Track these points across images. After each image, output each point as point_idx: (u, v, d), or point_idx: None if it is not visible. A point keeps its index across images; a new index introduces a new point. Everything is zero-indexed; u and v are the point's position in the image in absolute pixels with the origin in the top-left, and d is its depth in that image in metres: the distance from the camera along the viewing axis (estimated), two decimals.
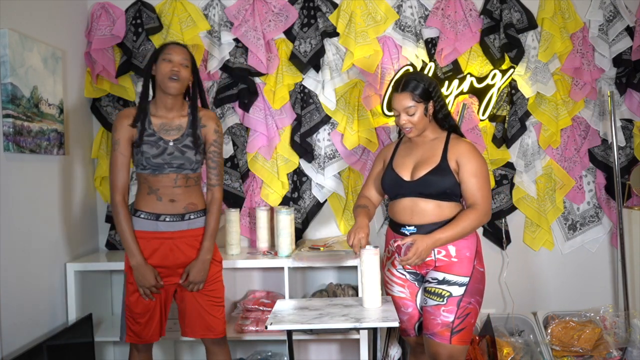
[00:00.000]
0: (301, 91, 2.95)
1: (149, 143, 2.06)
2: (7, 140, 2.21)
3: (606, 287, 3.03)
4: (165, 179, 2.08)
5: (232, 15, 2.91)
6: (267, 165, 2.96)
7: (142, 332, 2.13)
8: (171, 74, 2.04)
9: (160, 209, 2.09)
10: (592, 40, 2.93)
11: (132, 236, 2.07)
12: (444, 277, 1.99)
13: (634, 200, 2.89)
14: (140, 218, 2.09)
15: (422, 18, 2.93)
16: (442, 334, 1.96)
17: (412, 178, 2.04)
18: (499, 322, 2.89)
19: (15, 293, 2.26)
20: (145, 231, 2.09)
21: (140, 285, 2.06)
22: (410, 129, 2.05)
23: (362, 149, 2.95)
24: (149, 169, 2.07)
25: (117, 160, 2.07)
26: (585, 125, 2.99)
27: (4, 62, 2.20)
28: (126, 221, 2.06)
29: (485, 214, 1.98)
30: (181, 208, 2.11)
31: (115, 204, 2.06)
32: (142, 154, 2.06)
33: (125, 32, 2.90)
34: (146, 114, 2.10)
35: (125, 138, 2.07)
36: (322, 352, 2.97)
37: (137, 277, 2.06)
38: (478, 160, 2.00)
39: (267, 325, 1.83)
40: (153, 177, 2.08)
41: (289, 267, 2.59)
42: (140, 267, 2.05)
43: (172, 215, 2.10)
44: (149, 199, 2.09)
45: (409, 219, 2.03)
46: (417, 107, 2.01)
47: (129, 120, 2.08)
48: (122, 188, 2.07)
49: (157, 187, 2.08)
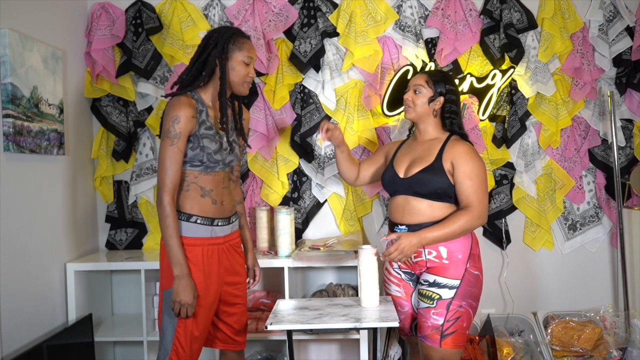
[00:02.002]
0: (301, 91, 2.95)
1: (208, 137, 1.86)
2: (7, 140, 2.21)
3: (606, 287, 3.03)
4: (216, 178, 1.91)
5: (232, 15, 2.92)
6: (267, 165, 2.97)
7: (192, 356, 1.90)
8: (249, 79, 1.92)
9: (214, 213, 1.90)
10: (592, 40, 2.93)
11: (180, 242, 1.81)
12: (434, 279, 1.97)
13: (634, 200, 2.89)
14: (196, 224, 1.87)
15: (422, 18, 2.93)
16: (433, 336, 1.95)
17: (405, 175, 2.05)
18: (499, 322, 2.89)
19: (15, 293, 2.26)
20: (202, 237, 1.88)
21: (177, 299, 1.79)
22: (409, 109, 2.08)
23: (362, 149, 2.95)
24: (201, 166, 1.87)
25: (175, 156, 1.80)
26: (585, 125, 2.99)
27: (4, 62, 2.20)
28: (175, 225, 1.80)
29: (479, 217, 1.93)
30: (228, 211, 1.97)
31: (164, 205, 1.79)
32: (203, 149, 1.85)
33: (125, 32, 2.89)
34: (203, 104, 1.88)
35: (187, 131, 1.82)
36: (322, 352, 2.97)
37: (177, 291, 1.78)
38: (474, 162, 1.97)
39: (267, 325, 1.83)
40: (205, 175, 1.88)
41: (289, 267, 2.59)
42: (186, 279, 1.79)
43: (223, 219, 1.94)
44: (203, 202, 1.88)
45: (401, 217, 2.04)
46: (426, 91, 2.05)
47: (192, 110, 1.83)
48: (174, 188, 1.81)
49: (210, 188, 1.89)
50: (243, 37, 1.93)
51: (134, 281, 2.88)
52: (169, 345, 1.86)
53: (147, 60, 2.90)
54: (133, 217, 3.04)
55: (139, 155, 2.99)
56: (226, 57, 1.88)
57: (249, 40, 1.95)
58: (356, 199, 2.97)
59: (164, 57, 2.93)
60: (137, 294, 2.76)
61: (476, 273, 1.99)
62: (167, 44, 2.88)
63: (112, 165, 2.99)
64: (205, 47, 1.90)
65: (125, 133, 2.96)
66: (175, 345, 1.85)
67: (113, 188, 3.02)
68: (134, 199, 3.01)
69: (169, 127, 1.80)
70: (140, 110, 2.96)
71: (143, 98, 2.95)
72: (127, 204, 3.02)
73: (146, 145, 2.99)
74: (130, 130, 2.96)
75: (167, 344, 1.87)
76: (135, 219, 3.04)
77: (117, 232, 3.04)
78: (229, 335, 2.04)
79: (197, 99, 1.88)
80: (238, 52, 1.89)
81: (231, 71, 1.89)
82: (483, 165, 2.00)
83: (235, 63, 1.89)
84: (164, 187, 1.80)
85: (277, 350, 2.94)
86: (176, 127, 1.80)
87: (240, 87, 1.93)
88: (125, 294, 3.01)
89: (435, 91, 2.05)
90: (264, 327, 2.62)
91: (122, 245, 3.05)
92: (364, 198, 2.97)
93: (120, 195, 3.03)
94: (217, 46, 1.88)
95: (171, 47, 2.88)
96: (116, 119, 2.96)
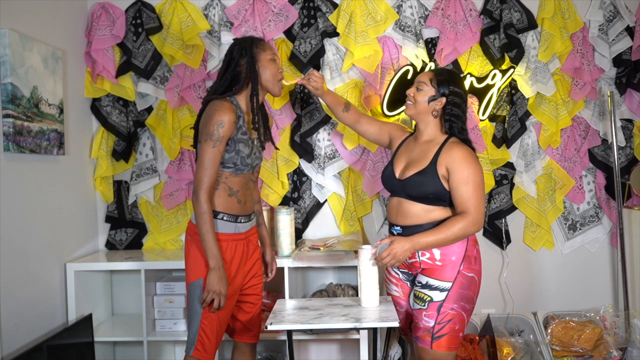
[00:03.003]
0: (301, 91, 2.95)
1: (243, 142, 1.98)
2: (7, 140, 2.21)
3: (606, 287, 3.03)
4: (244, 179, 2.03)
5: (232, 15, 2.92)
6: (267, 165, 2.97)
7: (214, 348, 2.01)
8: (280, 75, 2.05)
9: (238, 211, 2.02)
10: (592, 40, 2.93)
11: (216, 237, 1.92)
12: (427, 281, 1.97)
13: (634, 200, 2.89)
14: (222, 220, 1.99)
15: (422, 18, 2.93)
16: (424, 338, 1.95)
17: (400, 177, 2.04)
18: (499, 322, 2.89)
19: (15, 293, 2.26)
20: (227, 233, 2.00)
21: (212, 289, 1.88)
22: (409, 104, 2.07)
23: (362, 149, 2.95)
24: (233, 168, 1.98)
25: (215, 157, 1.91)
26: (585, 125, 2.99)
27: (4, 62, 2.20)
28: (211, 221, 1.90)
29: (475, 223, 1.90)
30: (250, 209, 2.09)
31: (202, 203, 1.88)
32: (238, 152, 1.96)
33: (125, 32, 2.90)
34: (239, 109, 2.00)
35: (228, 135, 1.93)
36: (322, 352, 2.97)
37: (213, 282, 1.89)
38: (470, 167, 1.92)
39: (267, 325, 1.84)
40: (234, 177, 2.00)
41: (289, 267, 2.60)
42: (221, 269, 1.90)
43: (245, 216, 2.06)
44: (230, 201, 2.00)
45: (395, 218, 2.04)
46: (428, 89, 2.02)
47: (234, 116, 1.94)
48: (211, 187, 1.92)
49: (237, 189, 2.01)
50: (262, 40, 2.09)
51: (134, 281, 2.88)
52: (194, 336, 1.97)
53: (147, 60, 2.90)
54: (133, 217, 3.04)
55: (139, 155, 2.99)
56: (256, 60, 2.03)
57: (266, 42, 2.11)
58: (356, 199, 2.97)
59: (164, 57, 2.93)
60: (137, 294, 2.76)
61: (471, 275, 1.96)
62: (167, 44, 2.88)
63: (112, 165, 2.99)
64: (232, 58, 2.04)
65: (125, 133, 2.96)
66: (200, 335, 1.96)
67: (113, 188, 3.02)
68: (134, 199, 3.01)
69: (212, 130, 1.90)
70: (140, 110, 2.96)
71: (143, 98, 2.95)
72: (127, 204, 3.02)
73: (146, 145, 2.99)
74: (130, 130, 2.96)
75: (193, 335, 1.97)
76: (135, 219, 3.04)
77: (117, 232, 3.04)
78: (246, 326, 2.14)
79: (236, 105, 1.99)
80: (263, 52, 2.04)
81: (264, 71, 2.03)
82: (480, 170, 1.95)
83: (265, 62, 2.04)
84: (202, 185, 1.90)
85: (277, 350, 2.94)
86: (220, 130, 1.90)
87: (274, 85, 2.06)
88: (125, 294, 3.01)
89: (438, 91, 2.00)
90: (264, 327, 2.61)
91: (122, 245, 3.05)
92: (364, 198, 2.97)
93: (120, 195, 3.03)
94: (245, 54, 2.02)
95: (171, 47, 2.88)
96: (116, 119, 2.97)
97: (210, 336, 1.97)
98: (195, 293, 1.96)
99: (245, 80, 2.02)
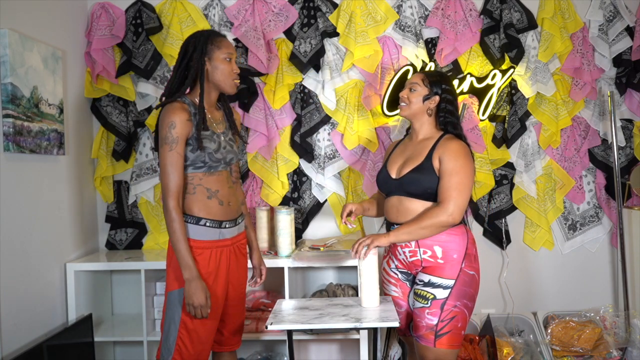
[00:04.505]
0: (301, 91, 2.95)
1: (206, 138, 1.88)
2: (7, 140, 2.21)
3: (606, 287, 3.03)
4: (220, 177, 1.93)
5: (232, 15, 2.92)
6: (267, 165, 2.97)
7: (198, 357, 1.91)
8: (236, 76, 1.95)
9: (221, 215, 1.92)
10: (592, 40, 2.93)
11: (188, 246, 1.84)
12: (429, 279, 1.97)
13: (634, 200, 2.89)
14: (205, 227, 1.89)
15: (422, 18, 2.94)
16: (427, 336, 1.95)
17: (397, 176, 2.05)
18: (499, 322, 2.89)
19: (15, 293, 2.26)
20: (210, 240, 1.90)
21: (190, 302, 1.81)
22: (404, 106, 2.09)
23: (362, 149, 2.95)
24: (205, 167, 1.89)
25: (175, 160, 1.82)
26: (585, 125, 2.99)
27: (4, 62, 2.20)
28: (182, 229, 1.82)
29: (446, 213, 1.88)
30: (235, 212, 1.98)
31: (170, 210, 1.81)
32: (204, 149, 1.87)
33: (125, 32, 2.90)
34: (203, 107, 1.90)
35: (184, 135, 1.84)
36: (322, 352, 2.97)
37: (190, 295, 1.81)
38: (459, 160, 1.93)
39: (267, 325, 1.83)
40: (209, 176, 1.90)
41: (289, 267, 2.59)
42: (196, 281, 1.81)
43: (230, 220, 1.95)
44: (210, 204, 1.90)
45: (395, 217, 2.04)
46: (421, 89, 2.05)
47: (187, 114, 1.85)
48: (178, 192, 1.83)
49: (216, 189, 1.91)
50: (220, 36, 1.95)
51: (134, 281, 2.88)
52: (172, 346, 1.88)
53: (147, 60, 2.91)
54: (133, 217, 3.04)
55: (139, 155, 2.99)
56: (208, 58, 1.91)
57: (226, 38, 1.98)
58: (356, 199, 2.97)
59: (164, 57, 2.93)
60: (137, 294, 2.75)
61: (472, 273, 1.98)
62: (167, 44, 2.88)
63: (112, 165, 2.99)
64: (185, 53, 1.93)
65: (125, 133, 2.96)
66: (178, 345, 1.87)
67: (113, 188, 3.02)
68: (134, 199, 3.01)
69: (165, 133, 1.83)
70: (140, 110, 2.96)
71: (143, 98, 2.96)
72: (127, 204, 3.03)
73: (146, 145, 2.99)
74: (130, 130, 2.97)
75: (170, 345, 1.88)
76: (135, 219, 3.04)
77: (117, 232, 3.04)
78: (226, 336, 2.06)
79: (188, 103, 1.90)
80: (218, 50, 1.91)
81: (215, 70, 1.91)
82: (470, 165, 1.95)
83: (218, 62, 1.91)
84: (168, 192, 1.82)
85: (277, 350, 2.94)
86: (173, 132, 1.82)
87: (228, 85, 1.94)
88: (125, 294, 3.01)
89: (431, 90, 2.04)
90: (264, 327, 2.62)
91: (122, 245, 3.05)
92: (364, 198, 2.96)
93: (120, 195, 3.03)
94: (197, 49, 1.90)
95: (171, 47, 2.87)
96: (116, 119, 2.97)
97: (189, 347, 1.87)
98: (174, 302, 1.88)
99: (194, 77, 1.92)
